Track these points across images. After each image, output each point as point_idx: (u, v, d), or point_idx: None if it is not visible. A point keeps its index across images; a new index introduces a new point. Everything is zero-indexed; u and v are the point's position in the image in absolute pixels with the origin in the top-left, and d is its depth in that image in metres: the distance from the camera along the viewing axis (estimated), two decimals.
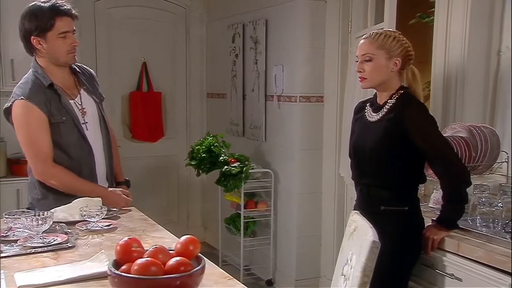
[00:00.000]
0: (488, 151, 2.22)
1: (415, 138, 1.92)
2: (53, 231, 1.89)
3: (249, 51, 4.07)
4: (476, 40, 2.51)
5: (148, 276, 1.27)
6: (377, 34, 2.01)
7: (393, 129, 1.95)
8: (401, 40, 1.99)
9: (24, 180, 3.63)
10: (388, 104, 2.01)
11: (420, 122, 1.94)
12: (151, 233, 2.04)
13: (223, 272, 1.60)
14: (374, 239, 1.45)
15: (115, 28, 4.47)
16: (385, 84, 2.02)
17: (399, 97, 2.00)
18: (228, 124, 4.40)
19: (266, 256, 3.85)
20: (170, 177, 4.79)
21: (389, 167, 2.00)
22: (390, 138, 1.96)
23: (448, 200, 1.99)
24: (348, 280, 1.56)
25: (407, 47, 1.99)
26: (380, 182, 2.03)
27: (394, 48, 1.97)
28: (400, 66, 1.99)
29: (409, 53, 1.99)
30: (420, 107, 1.98)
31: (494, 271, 1.77)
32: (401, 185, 2.01)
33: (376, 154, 2.01)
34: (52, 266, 1.60)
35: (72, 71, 2.35)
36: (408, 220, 2.02)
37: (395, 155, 1.98)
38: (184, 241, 1.44)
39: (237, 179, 3.59)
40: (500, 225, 1.93)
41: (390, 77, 2.00)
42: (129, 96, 4.57)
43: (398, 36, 2.00)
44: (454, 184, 1.97)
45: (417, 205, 2.06)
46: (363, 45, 2.01)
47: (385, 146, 1.98)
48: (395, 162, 1.98)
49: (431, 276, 2.03)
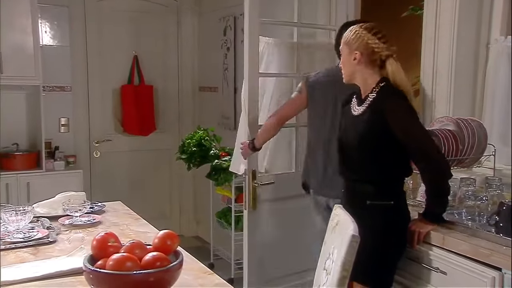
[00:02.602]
0: (475, 144, 2.21)
1: (396, 132, 1.91)
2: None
3: (240, 44, 4.03)
4: (465, 33, 2.49)
5: (123, 272, 1.26)
6: (347, 31, 2.03)
7: (374, 123, 1.94)
8: (360, 34, 1.96)
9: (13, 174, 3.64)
10: (369, 98, 1.99)
11: (400, 116, 1.92)
12: (135, 228, 2.03)
13: (203, 267, 1.59)
14: (354, 233, 1.44)
15: (106, 20, 4.43)
16: (358, 78, 2.01)
17: (379, 91, 1.97)
18: (220, 118, 4.37)
19: None
20: (162, 171, 4.78)
21: (373, 162, 1.98)
22: (372, 132, 1.95)
23: (430, 195, 1.97)
24: (330, 275, 1.54)
25: (367, 41, 1.95)
26: (365, 176, 2.01)
27: (352, 42, 1.97)
28: (363, 59, 1.96)
29: (371, 46, 1.94)
30: (399, 100, 1.93)
31: (478, 264, 1.76)
32: (386, 179, 2.00)
33: (359, 149, 1.99)
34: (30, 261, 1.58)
35: None
36: (394, 214, 2.00)
37: (378, 149, 1.96)
38: (162, 236, 1.42)
39: (228, 173, 3.57)
40: (485, 218, 1.91)
41: (356, 70, 1.99)
42: (120, 90, 4.54)
43: (358, 30, 1.98)
44: (435, 178, 1.95)
45: (403, 199, 2.05)
46: None
47: (367, 140, 1.96)
48: (378, 156, 1.97)
49: (416, 269, 2.02)
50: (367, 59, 1.96)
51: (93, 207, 2.24)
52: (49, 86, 4.09)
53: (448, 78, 2.52)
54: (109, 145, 4.50)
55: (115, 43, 4.48)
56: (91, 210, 2.17)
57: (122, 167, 4.60)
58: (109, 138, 4.51)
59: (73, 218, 2.02)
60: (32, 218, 1.87)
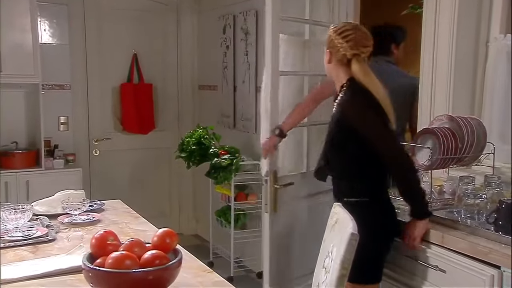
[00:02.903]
0: (474, 143, 2.20)
1: (359, 131, 1.93)
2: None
3: (239, 42, 4.03)
4: (464, 31, 2.48)
5: (122, 270, 1.26)
6: None
7: (339, 121, 1.98)
8: (330, 34, 2.04)
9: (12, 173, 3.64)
10: (339, 97, 2.04)
11: (358, 116, 1.94)
12: (134, 226, 2.03)
13: (202, 265, 1.59)
14: (353, 231, 1.44)
15: (106, 19, 4.42)
16: (333, 76, 2.09)
17: (345, 89, 2.01)
18: (219, 116, 4.37)
19: (257, 249, 3.84)
20: (162, 170, 4.77)
21: (344, 159, 2.02)
22: (340, 131, 1.99)
23: (405, 197, 1.99)
24: (329, 273, 1.55)
25: (334, 40, 2.01)
26: (339, 174, 2.06)
27: (326, 42, 2.07)
28: (332, 58, 2.03)
29: (337, 46, 2.00)
30: (357, 98, 1.95)
31: (477, 262, 1.76)
32: (359, 177, 2.01)
33: (331, 147, 2.04)
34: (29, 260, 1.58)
35: None
36: (371, 211, 2.00)
37: (346, 147, 1.99)
38: (160, 234, 1.42)
39: (227, 172, 3.57)
40: (484, 216, 1.91)
41: (328, 68, 2.08)
42: (120, 88, 4.53)
43: (331, 29, 2.06)
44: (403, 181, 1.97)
45: (381, 196, 2.05)
46: None
47: (337, 139, 2.01)
48: (347, 154, 1.99)
49: (415, 268, 2.02)
50: (335, 58, 2.02)
51: (92, 206, 2.24)
52: (49, 84, 4.08)
53: (448, 76, 2.52)
54: (109, 143, 4.50)
55: (115, 41, 4.48)
56: (90, 209, 2.17)
57: (122, 165, 4.60)
58: (108, 136, 4.51)
59: (72, 217, 2.02)
60: (31, 217, 1.87)
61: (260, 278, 3.80)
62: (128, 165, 4.64)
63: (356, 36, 1.98)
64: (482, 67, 2.52)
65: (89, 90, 4.41)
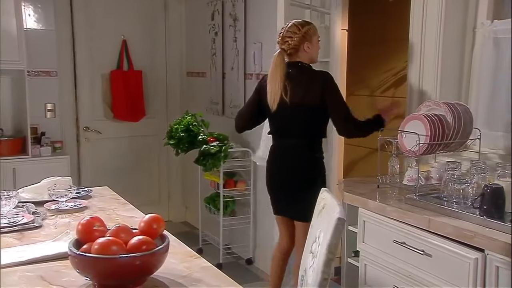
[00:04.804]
0: (461, 128, 2.22)
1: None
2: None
3: (228, 29, 4.00)
4: (452, 18, 2.49)
5: (108, 256, 1.25)
6: None
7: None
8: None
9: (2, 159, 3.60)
10: None
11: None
12: (121, 212, 2.02)
13: (190, 251, 1.59)
14: (340, 216, 1.45)
15: (93, 4, 4.35)
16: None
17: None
18: (208, 103, 4.35)
19: (246, 235, 3.86)
20: (151, 157, 4.76)
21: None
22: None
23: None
24: (316, 258, 1.55)
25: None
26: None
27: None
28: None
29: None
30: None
31: (462, 246, 1.78)
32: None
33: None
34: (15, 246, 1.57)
35: None
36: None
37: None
38: (147, 219, 1.41)
39: (216, 158, 3.57)
40: (470, 201, 1.94)
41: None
42: (109, 75, 4.48)
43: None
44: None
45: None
46: None
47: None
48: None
49: (402, 252, 2.04)
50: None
51: (80, 192, 2.22)
52: (34, 71, 4.02)
53: (435, 63, 2.53)
54: (98, 130, 4.46)
55: (103, 27, 4.41)
56: (77, 195, 2.15)
57: (111, 152, 4.57)
58: (98, 123, 4.47)
59: (59, 203, 2.00)
60: (17, 203, 1.85)
61: (249, 265, 3.83)
62: (117, 152, 4.61)
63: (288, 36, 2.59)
64: (469, 53, 2.53)
65: (78, 77, 4.36)
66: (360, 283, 2.31)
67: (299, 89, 2.52)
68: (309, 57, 2.59)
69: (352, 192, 2.35)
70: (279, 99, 2.54)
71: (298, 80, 2.54)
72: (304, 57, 2.58)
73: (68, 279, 1.36)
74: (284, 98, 2.53)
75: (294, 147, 2.60)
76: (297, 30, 2.54)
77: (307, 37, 2.54)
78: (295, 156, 2.61)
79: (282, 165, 2.65)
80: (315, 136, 2.62)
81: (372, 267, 2.23)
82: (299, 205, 2.56)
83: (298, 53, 2.57)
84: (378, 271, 2.19)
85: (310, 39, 2.56)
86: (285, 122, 2.60)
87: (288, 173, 2.62)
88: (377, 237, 2.19)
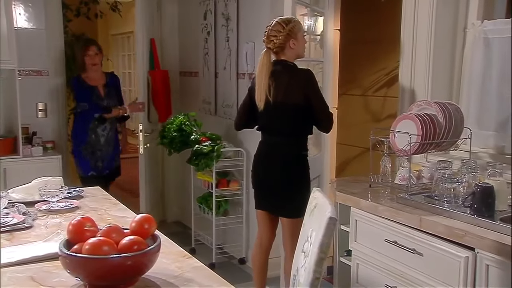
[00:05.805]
0: (452, 128, 2.24)
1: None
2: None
3: (220, 28, 4.00)
4: (443, 18, 2.50)
5: (99, 256, 1.25)
6: None
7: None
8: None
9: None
10: None
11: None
12: (113, 213, 2.02)
13: (181, 251, 1.59)
14: (331, 215, 1.45)
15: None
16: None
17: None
18: (201, 103, 4.34)
19: (239, 235, 3.86)
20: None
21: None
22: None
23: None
24: (308, 257, 1.55)
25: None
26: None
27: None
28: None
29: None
30: None
31: (453, 245, 1.80)
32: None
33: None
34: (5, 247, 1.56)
35: None
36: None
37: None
38: (139, 219, 1.41)
39: (209, 158, 3.56)
40: (460, 200, 1.95)
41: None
42: None
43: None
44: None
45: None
46: None
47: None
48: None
49: (393, 252, 2.05)
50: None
51: (71, 192, 2.21)
52: (25, 70, 3.99)
53: (427, 63, 2.54)
54: None
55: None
56: (69, 196, 2.14)
57: None
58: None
59: (50, 204, 1.99)
60: (7, 204, 1.84)
61: (242, 264, 3.83)
62: None
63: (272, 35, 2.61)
64: (460, 53, 2.55)
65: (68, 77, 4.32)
66: (352, 282, 2.32)
67: (282, 88, 2.55)
68: (295, 53, 2.62)
69: (344, 191, 2.36)
70: (265, 98, 2.57)
71: (281, 80, 2.57)
72: (290, 54, 2.60)
73: (58, 280, 1.35)
74: (269, 97, 2.55)
75: (279, 144, 2.64)
76: (282, 29, 2.56)
77: (292, 34, 2.56)
78: (280, 153, 2.64)
79: (268, 161, 2.68)
80: (300, 134, 2.65)
81: (364, 266, 2.24)
82: (284, 202, 2.61)
83: (284, 51, 2.59)
84: (370, 270, 2.20)
85: (295, 36, 2.57)
86: (271, 120, 2.63)
87: (273, 170, 2.64)
88: (369, 236, 2.20)
